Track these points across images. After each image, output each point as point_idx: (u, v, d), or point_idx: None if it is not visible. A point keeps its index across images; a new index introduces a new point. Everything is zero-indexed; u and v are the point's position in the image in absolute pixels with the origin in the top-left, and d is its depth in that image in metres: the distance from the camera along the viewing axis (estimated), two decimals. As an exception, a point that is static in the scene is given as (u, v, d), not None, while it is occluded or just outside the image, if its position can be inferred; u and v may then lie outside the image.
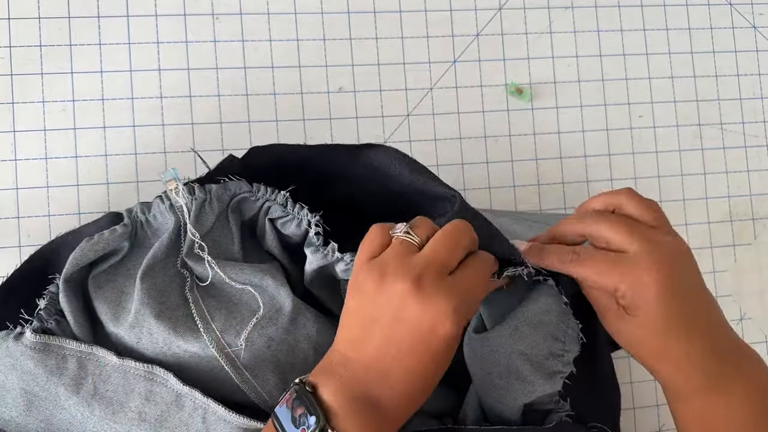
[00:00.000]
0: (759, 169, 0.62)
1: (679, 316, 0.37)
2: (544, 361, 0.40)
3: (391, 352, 0.34)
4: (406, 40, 0.58)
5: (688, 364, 0.38)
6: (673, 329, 0.37)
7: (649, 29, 0.62)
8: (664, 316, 0.37)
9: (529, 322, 0.41)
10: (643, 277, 0.37)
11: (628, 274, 0.37)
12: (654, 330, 0.37)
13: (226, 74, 0.55)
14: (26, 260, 0.43)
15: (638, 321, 0.38)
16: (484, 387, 0.42)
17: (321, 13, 0.57)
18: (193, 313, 0.41)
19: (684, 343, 0.37)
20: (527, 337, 0.40)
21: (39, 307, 0.41)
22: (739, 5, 0.63)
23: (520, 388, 0.40)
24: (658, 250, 0.37)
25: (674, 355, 0.38)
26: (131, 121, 0.53)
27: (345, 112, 0.57)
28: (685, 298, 0.38)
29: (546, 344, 0.40)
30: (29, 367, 0.39)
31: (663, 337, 0.37)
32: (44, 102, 0.53)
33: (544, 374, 0.40)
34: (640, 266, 0.37)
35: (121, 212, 0.43)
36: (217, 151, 0.54)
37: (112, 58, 0.54)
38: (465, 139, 0.58)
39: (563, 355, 0.41)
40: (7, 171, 0.52)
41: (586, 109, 0.60)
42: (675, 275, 0.37)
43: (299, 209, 0.43)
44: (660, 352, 0.38)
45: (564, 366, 0.41)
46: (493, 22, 0.59)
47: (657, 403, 0.58)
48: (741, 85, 0.63)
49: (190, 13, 0.55)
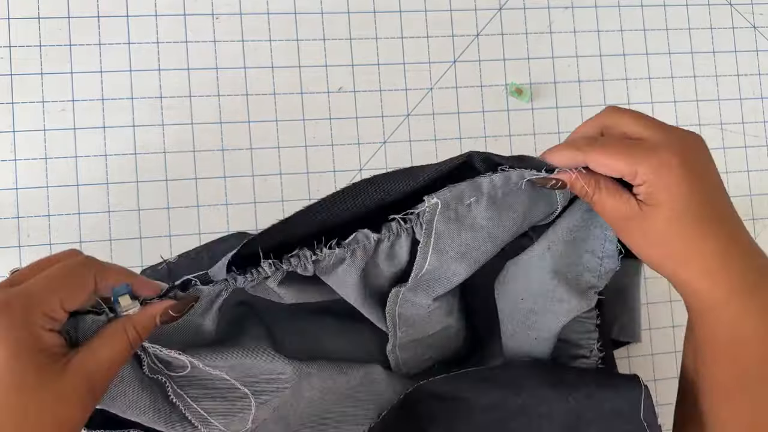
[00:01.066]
0: (759, 169, 0.62)
1: (707, 205, 0.33)
2: (578, 277, 0.38)
3: None
4: (406, 40, 0.58)
5: (722, 260, 0.33)
6: (703, 219, 0.33)
7: (649, 29, 0.62)
8: (691, 199, 0.33)
9: (562, 240, 0.38)
10: (667, 158, 0.32)
11: (650, 156, 0.33)
12: (680, 220, 0.33)
13: (226, 74, 0.55)
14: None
15: (662, 213, 0.33)
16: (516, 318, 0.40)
17: (321, 13, 0.57)
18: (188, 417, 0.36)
19: (714, 237, 0.33)
20: (561, 256, 0.38)
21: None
22: (739, 5, 0.63)
23: (556, 308, 0.38)
24: (678, 135, 0.34)
25: (704, 253, 0.33)
26: (131, 121, 0.53)
27: (345, 112, 0.57)
28: (711, 186, 0.33)
29: (582, 260, 0.38)
30: None
31: (692, 226, 0.33)
32: (44, 102, 0.52)
33: (579, 291, 0.38)
34: (662, 148, 0.33)
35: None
36: (217, 151, 0.54)
37: (112, 58, 0.54)
38: (465, 139, 0.58)
39: (598, 270, 0.39)
40: (7, 171, 0.52)
41: (586, 109, 0.60)
42: (697, 159, 0.33)
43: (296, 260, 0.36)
44: (687, 251, 0.33)
45: (598, 280, 0.39)
46: (493, 22, 0.59)
47: (657, 403, 0.58)
48: (741, 85, 0.63)
49: (190, 13, 0.55)
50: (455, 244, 0.37)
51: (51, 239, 0.52)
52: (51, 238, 0.52)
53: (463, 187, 0.35)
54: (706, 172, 0.34)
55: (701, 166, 0.34)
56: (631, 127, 0.34)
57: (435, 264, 0.37)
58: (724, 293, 0.33)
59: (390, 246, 0.36)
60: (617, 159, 0.33)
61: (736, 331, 0.33)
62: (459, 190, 0.35)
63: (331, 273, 0.37)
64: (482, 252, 0.38)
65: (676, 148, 0.33)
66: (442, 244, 0.36)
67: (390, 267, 0.38)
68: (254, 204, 0.55)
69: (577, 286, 0.39)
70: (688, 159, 0.33)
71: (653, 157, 0.33)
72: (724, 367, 0.34)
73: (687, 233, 0.33)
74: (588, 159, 0.34)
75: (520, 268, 0.40)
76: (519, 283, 0.40)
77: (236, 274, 0.35)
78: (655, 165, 0.32)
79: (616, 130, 0.35)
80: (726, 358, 0.34)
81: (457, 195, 0.35)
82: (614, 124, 0.35)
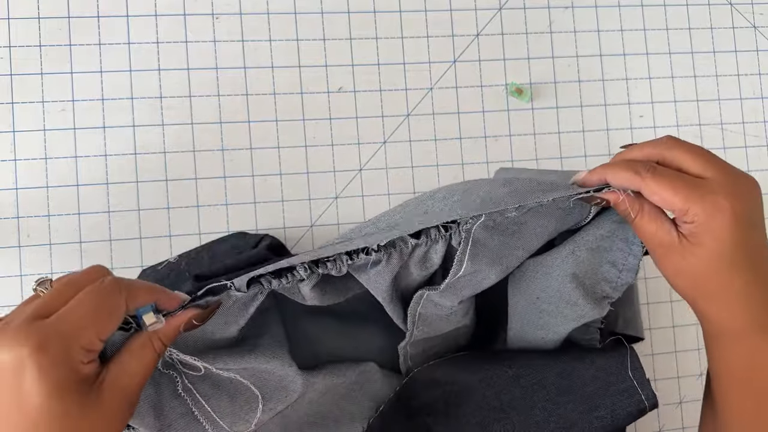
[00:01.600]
0: (759, 169, 0.62)
1: (746, 248, 0.35)
2: (595, 286, 0.39)
3: None
4: (406, 40, 0.58)
5: (745, 299, 0.35)
6: (738, 261, 0.35)
7: (649, 29, 0.62)
8: (733, 245, 0.34)
9: (587, 247, 0.39)
10: (722, 204, 0.34)
11: (706, 198, 0.34)
12: (716, 263, 0.35)
13: (226, 74, 0.55)
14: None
15: (700, 254, 0.35)
16: (528, 315, 0.41)
17: (321, 13, 0.57)
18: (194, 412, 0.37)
19: (745, 277, 0.35)
20: (583, 262, 0.39)
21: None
22: (739, 5, 0.63)
23: (568, 312, 0.39)
24: (735, 179, 0.35)
25: (732, 290, 0.35)
26: (131, 121, 0.53)
27: (345, 112, 0.57)
28: (755, 231, 0.35)
29: (601, 269, 0.39)
30: None
31: (726, 269, 0.35)
32: (44, 102, 0.52)
33: (594, 299, 0.39)
34: (718, 191, 0.34)
35: None
36: (217, 151, 0.54)
37: (111, 58, 0.54)
38: (465, 139, 0.58)
39: (616, 282, 0.39)
40: (7, 171, 0.52)
41: (586, 109, 0.60)
42: (749, 207, 0.35)
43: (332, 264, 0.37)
44: (717, 286, 0.35)
45: (613, 291, 0.40)
46: (493, 22, 0.59)
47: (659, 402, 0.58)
48: (741, 85, 0.63)
49: (189, 13, 0.55)
50: (489, 251, 0.37)
51: (51, 239, 0.52)
52: (51, 238, 0.52)
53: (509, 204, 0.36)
54: (753, 218, 0.35)
55: (750, 212, 0.35)
56: (690, 163, 0.36)
57: (469, 270, 0.38)
58: (742, 325, 0.35)
59: (426, 251, 0.37)
60: (674, 194, 0.35)
61: (753, 361, 0.35)
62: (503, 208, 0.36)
63: (363, 272, 0.37)
64: (514, 257, 0.39)
65: (732, 195, 0.34)
66: (478, 249, 0.37)
67: (421, 271, 0.39)
68: (254, 204, 0.55)
69: (593, 294, 0.40)
70: (740, 206, 0.34)
71: (708, 200, 0.34)
72: (741, 395, 0.36)
73: (719, 274, 0.35)
74: (644, 186, 0.35)
75: (541, 268, 0.41)
76: (538, 282, 0.41)
77: (271, 277, 0.36)
78: (709, 209, 0.34)
79: (674, 164, 0.36)
80: (742, 386, 0.36)
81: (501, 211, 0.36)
82: (673, 158, 0.36)
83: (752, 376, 0.36)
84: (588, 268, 0.39)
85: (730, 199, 0.34)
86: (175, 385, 0.36)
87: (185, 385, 0.36)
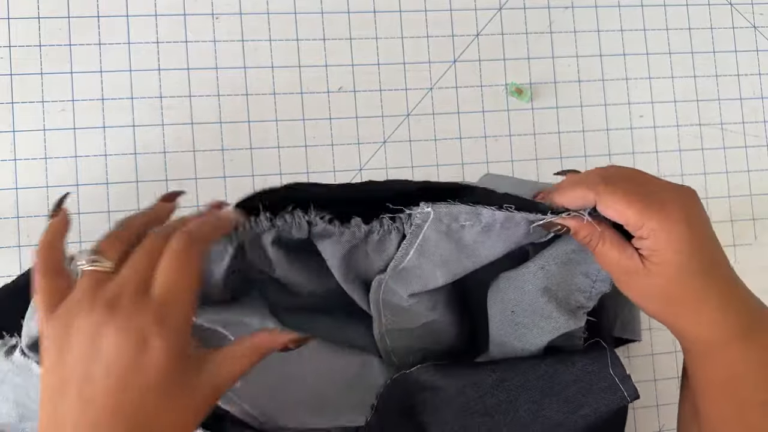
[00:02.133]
0: (759, 169, 0.62)
1: (706, 260, 0.34)
2: (569, 297, 0.39)
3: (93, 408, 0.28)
4: (406, 40, 0.58)
5: (718, 309, 0.34)
6: (703, 270, 0.34)
7: (649, 29, 0.62)
8: (694, 255, 0.33)
9: (556, 262, 0.39)
10: (676, 216, 0.33)
11: (660, 211, 0.33)
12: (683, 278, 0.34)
13: (226, 74, 0.55)
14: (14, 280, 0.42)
15: (665, 272, 0.34)
16: (505, 328, 0.41)
17: (321, 13, 0.57)
18: None
19: (713, 289, 0.34)
20: (554, 275, 0.39)
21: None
22: (739, 5, 0.63)
23: (543, 325, 0.39)
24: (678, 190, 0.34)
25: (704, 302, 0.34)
26: (131, 121, 0.53)
27: (345, 112, 0.57)
28: (709, 239, 0.34)
29: (574, 281, 0.39)
30: (19, 383, 0.38)
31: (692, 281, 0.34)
32: (44, 102, 0.52)
33: (568, 310, 0.39)
34: (670, 203, 0.33)
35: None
36: (217, 150, 0.54)
37: (111, 58, 0.54)
38: (465, 139, 0.58)
39: (590, 292, 0.39)
40: (7, 171, 0.52)
41: (586, 109, 0.60)
42: (698, 215, 0.34)
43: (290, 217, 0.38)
44: (688, 300, 0.34)
45: (587, 301, 0.40)
46: (493, 22, 0.59)
47: (657, 403, 0.58)
48: (741, 85, 0.63)
49: (189, 13, 0.55)
50: (437, 253, 0.38)
51: (51, 239, 0.52)
52: (51, 238, 0.52)
53: (462, 209, 0.36)
54: (704, 227, 0.35)
55: (700, 220, 0.34)
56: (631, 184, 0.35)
57: (414, 262, 0.38)
58: (721, 338, 0.35)
59: (379, 239, 0.38)
60: (628, 206, 0.33)
61: (733, 370, 0.35)
62: (457, 210, 0.36)
63: (320, 241, 0.38)
64: (462, 267, 0.39)
65: (681, 204, 0.34)
66: (426, 247, 0.37)
67: (379, 258, 0.39)
68: (254, 204, 0.55)
69: (567, 305, 0.40)
70: (692, 216, 0.34)
71: (662, 212, 0.33)
72: (723, 404, 0.35)
73: (688, 290, 0.34)
74: (600, 200, 0.34)
75: (513, 283, 0.41)
76: (511, 296, 0.41)
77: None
78: (665, 221, 0.33)
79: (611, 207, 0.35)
80: (724, 395, 0.35)
81: (453, 214, 0.36)
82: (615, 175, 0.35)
83: (733, 386, 0.35)
84: (560, 281, 0.39)
85: (681, 209, 0.33)
86: None
87: None
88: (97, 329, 0.28)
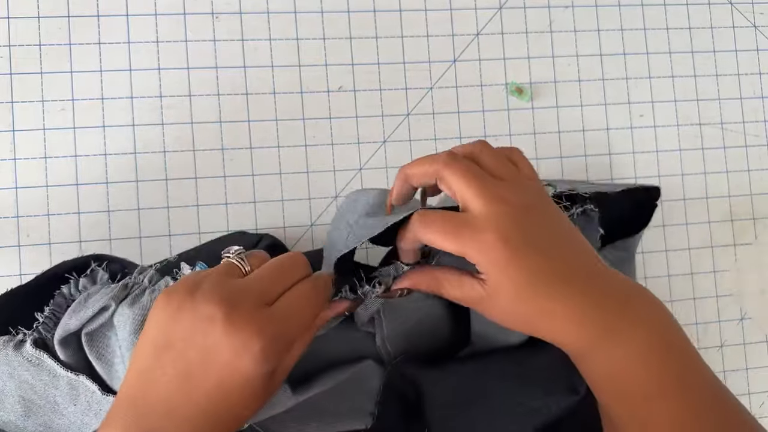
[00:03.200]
0: (759, 168, 0.62)
1: (539, 273, 0.32)
2: None
3: (182, 386, 0.30)
4: (406, 39, 0.58)
5: (569, 322, 0.33)
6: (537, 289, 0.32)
7: (649, 28, 0.62)
8: (521, 278, 0.32)
9: None
10: (488, 239, 0.32)
11: (472, 237, 0.32)
12: (522, 294, 0.32)
13: (226, 74, 0.55)
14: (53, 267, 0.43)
15: (503, 292, 0.33)
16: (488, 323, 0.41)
17: (321, 12, 0.57)
18: None
19: (561, 297, 0.33)
20: None
21: (38, 321, 0.40)
22: (739, 4, 0.63)
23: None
24: (502, 207, 0.33)
25: (553, 315, 0.33)
26: (131, 120, 0.53)
27: (345, 111, 0.57)
28: (544, 252, 0.33)
29: None
30: (26, 378, 0.39)
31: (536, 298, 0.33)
32: (44, 101, 0.52)
33: None
34: (483, 227, 0.32)
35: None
36: (217, 150, 0.54)
37: (111, 58, 0.54)
38: (465, 139, 0.58)
39: None
40: (7, 170, 0.52)
41: (586, 108, 0.60)
42: (526, 231, 0.33)
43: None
44: (538, 315, 0.33)
45: None
46: (493, 22, 0.59)
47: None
48: (741, 85, 0.63)
49: (189, 12, 0.55)
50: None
51: (51, 239, 0.52)
52: (51, 237, 0.52)
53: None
54: (537, 239, 0.33)
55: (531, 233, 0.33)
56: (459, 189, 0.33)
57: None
58: (583, 343, 0.33)
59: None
60: (444, 240, 0.33)
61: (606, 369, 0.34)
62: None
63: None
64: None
65: (496, 224, 0.32)
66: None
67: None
68: (254, 204, 0.55)
69: None
70: (513, 232, 0.32)
71: (476, 239, 0.32)
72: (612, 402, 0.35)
73: (534, 302, 0.33)
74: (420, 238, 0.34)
75: None
76: None
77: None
78: (479, 248, 0.32)
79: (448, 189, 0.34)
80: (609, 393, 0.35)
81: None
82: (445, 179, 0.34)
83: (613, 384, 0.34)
84: None
85: (496, 230, 0.32)
86: None
87: None
88: (209, 320, 0.30)
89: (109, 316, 0.40)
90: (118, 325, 0.39)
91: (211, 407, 0.30)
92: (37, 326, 0.40)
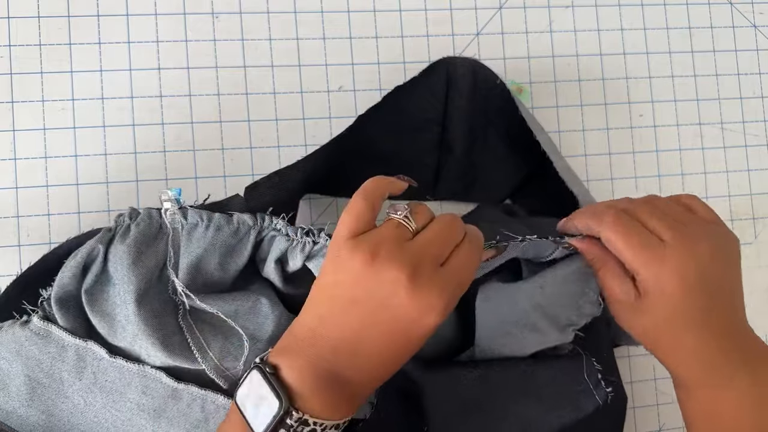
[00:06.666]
0: (760, 168, 0.62)
1: (694, 311, 0.36)
2: (560, 314, 0.42)
3: (368, 336, 0.33)
4: (406, 39, 0.58)
5: (694, 359, 0.37)
6: (689, 323, 0.36)
7: (649, 28, 0.62)
8: (683, 311, 0.36)
9: (555, 281, 0.42)
10: (668, 270, 0.36)
11: (655, 261, 0.36)
12: (669, 323, 0.36)
13: (226, 73, 0.55)
14: (41, 258, 0.44)
15: (653, 314, 0.37)
16: (493, 335, 0.43)
17: (321, 12, 0.57)
18: (188, 341, 0.40)
19: (693, 338, 0.37)
20: (550, 295, 0.41)
21: (42, 297, 0.41)
22: (739, 4, 0.63)
23: (533, 338, 0.42)
24: (693, 245, 0.36)
25: (684, 349, 0.37)
26: (131, 120, 0.53)
27: (345, 111, 0.57)
28: (707, 295, 0.36)
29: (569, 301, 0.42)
30: (33, 353, 0.40)
31: (675, 331, 0.37)
32: (44, 101, 0.52)
33: (558, 326, 0.42)
34: (669, 257, 0.36)
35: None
36: (217, 150, 0.54)
37: (111, 57, 0.54)
38: (465, 139, 0.58)
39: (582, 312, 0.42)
40: (7, 170, 0.52)
41: (586, 108, 0.60)
42: (703, 273, 0.36)
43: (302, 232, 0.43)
44: (669, 345, 0.38)
45: (579, 318, 0.42)
46: (493, 21, 0.59)
47: (657, 402, 0.58)
48: (741, 85, 0.63)
49: (189, 12, 0.55)
50: None
51: (51, 238, 0.52)
52: (51, 237, 0.52)
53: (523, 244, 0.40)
54: (707, 282, 0.36)
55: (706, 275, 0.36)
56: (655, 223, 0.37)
57: None
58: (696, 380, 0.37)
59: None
60: (625, 248, 0.37)
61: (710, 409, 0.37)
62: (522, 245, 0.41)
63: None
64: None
65: (683, 265, 0.36)
66: None
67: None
68: (254, 203, 0.55)
69: (557, 322, 0.42)
70: (692, 274, 0.36)
71: (658, 267, 0.36)
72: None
73: (668, 334, 0.37)
74: (602, 232, 0.38)
75: (507, 296, 0.43)
76: (503, 308, 0.43)
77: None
78: (656, 272, 0.36)
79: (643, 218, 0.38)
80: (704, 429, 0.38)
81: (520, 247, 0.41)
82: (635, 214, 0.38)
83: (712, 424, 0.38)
84: (554, 300, 0.42)
85: (679, 270, 0.35)
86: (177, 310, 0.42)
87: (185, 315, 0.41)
88: (396, 284, 0.32)
89: (101, 260, 0.41)
90: (114, 261, 0.40)
91: (393, 354, 0.34)
92: (41, 302, 0.41)
